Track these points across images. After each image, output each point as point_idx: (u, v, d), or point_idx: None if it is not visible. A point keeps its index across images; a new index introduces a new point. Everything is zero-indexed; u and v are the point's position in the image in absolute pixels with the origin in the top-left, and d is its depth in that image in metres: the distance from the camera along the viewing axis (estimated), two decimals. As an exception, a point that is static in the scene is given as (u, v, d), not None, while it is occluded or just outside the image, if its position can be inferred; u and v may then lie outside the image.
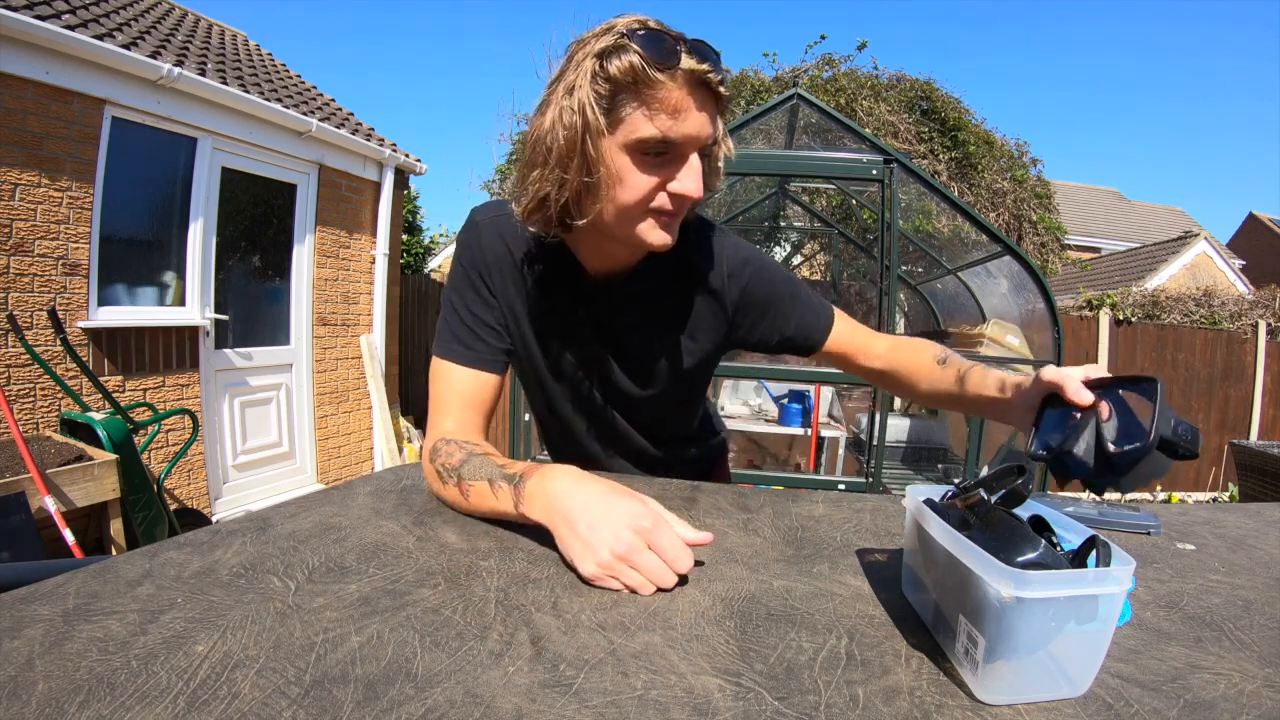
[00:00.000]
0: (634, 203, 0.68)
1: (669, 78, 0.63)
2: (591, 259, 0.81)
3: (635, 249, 0.77)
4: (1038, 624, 0.39)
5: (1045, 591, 0.38)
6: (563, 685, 0.39)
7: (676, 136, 0.65)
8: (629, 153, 0.66)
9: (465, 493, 0.68)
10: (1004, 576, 0.38)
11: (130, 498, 2.61)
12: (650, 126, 0.64)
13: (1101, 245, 14.32)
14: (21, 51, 2.86)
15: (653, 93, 0.63)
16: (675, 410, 0.97)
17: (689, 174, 0.67)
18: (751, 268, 0.84)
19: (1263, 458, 3.69)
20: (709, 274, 0.83)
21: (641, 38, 0.63)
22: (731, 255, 0.83)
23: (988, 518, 0.46)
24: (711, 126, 0.68)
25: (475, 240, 0.83)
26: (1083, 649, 0.40)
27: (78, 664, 0.39)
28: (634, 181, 0.67)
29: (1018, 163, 6.75)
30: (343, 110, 5.14)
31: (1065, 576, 0.39)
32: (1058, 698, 0.40)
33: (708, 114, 0.66)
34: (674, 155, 0.67)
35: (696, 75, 0.63)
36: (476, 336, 0.81)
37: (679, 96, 0.64)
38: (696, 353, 0.88)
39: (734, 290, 0.84)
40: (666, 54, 0.62)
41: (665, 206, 0.69)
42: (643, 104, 0.64)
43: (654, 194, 0.68)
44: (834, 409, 4.59)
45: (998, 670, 0.39)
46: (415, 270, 9.25)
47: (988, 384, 0.74)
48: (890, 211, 2.86)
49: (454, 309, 0.82)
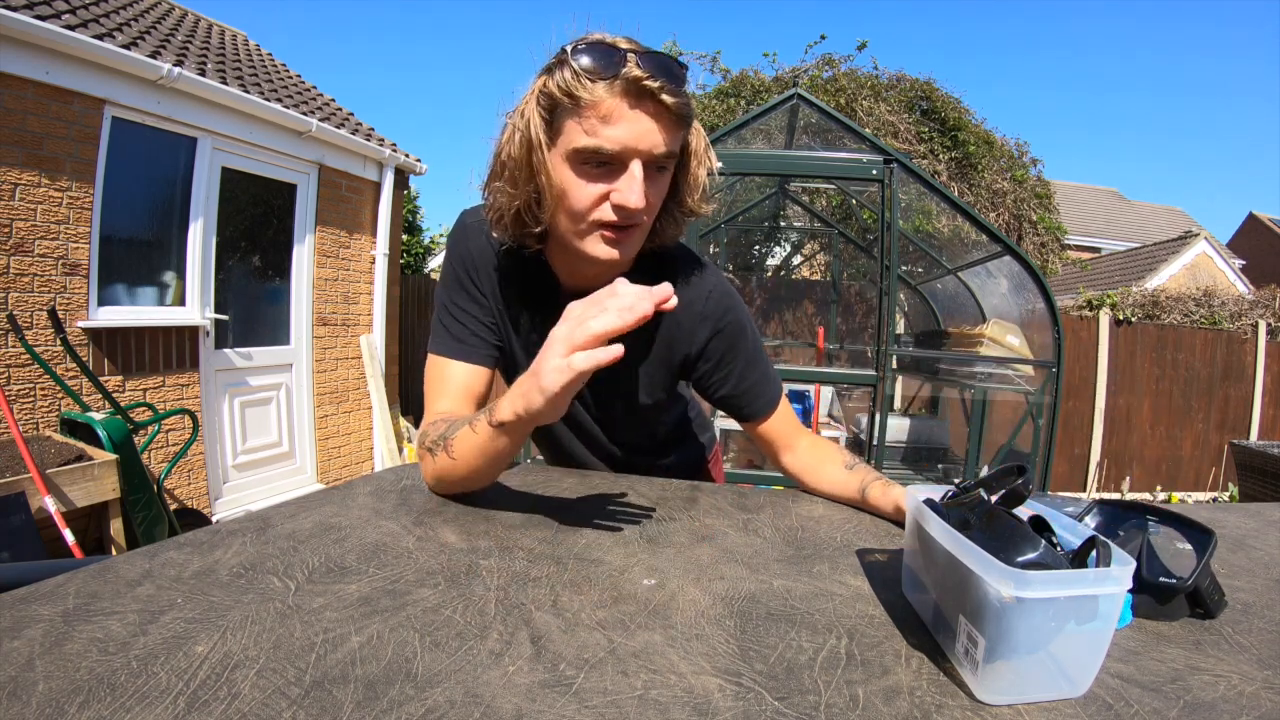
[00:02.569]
0: (577, 213, 0.69)
1: (605, 87, 0.63)
2: (565, 275, 0.82)
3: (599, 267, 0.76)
4: (1038, 624, 0.39)
5: (1045, 591, 0.38)
6: (563, 685, 0.39)
7: (612, 146, 0.64)
8: (570, 164, 0.67)
9: (450, 450, 0.69)
10: (1004, 576, 0.38)
11: (130, 498, 2.61)
12: (585, 136, 0.65)
13: (1101, 245, 14.32)
14: (21, 51, 2.86)
15: (588, 103, 0.63)
16: (637, 429, 0.98)
17: (628, 183, 0.66)
18: (728, 318, 0.83)
19: (1263, 458, 3.69)
20: (684, 310, 0.82)
21: (581, 52, 0.63)
22: (712, 298, 0.83)
23: (988, 518, 0.46)
24: (660, 138, 0.66)
25: (464, 241, 0.85)
26: (1083, 649, 0.40)
27: (78, 664, 0.39)
28: (576, 193, 0.68)
29: (1018, 163, 6.75)
30: (343, 110, 5.14)
31: (1065, 576, 0.39)
32: (1058, 698, 0.40)
33: (652, 125, 0.65)
34: (616, 166, 0.67)
35: (635, 84, 0.62)
36: (469, 331, 0.83)
37: (612, 105, 0.63)
38: (657, 383, 0.88)
39: (704, 333, 0.83)
40: (602, 66, 0.63)
41: (608, 218, 0.68)
42: (579, 115, 0.64)
43: (596, 205, 0.68)
44: (834, 409, 4.59)
45: (998, 670, 0.39)
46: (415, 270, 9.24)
47: (885, 500, 0.75)
48: (890, 211, 2.86)
49: (445, 308, 0.84)
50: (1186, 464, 5.95)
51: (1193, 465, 5.95)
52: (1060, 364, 3.05)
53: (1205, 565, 0.52)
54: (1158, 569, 0.54)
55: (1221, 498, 5.74)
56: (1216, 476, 5.89)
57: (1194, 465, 5.95)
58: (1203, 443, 5.94)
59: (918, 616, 0.51)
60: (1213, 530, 0.55)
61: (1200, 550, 0.54)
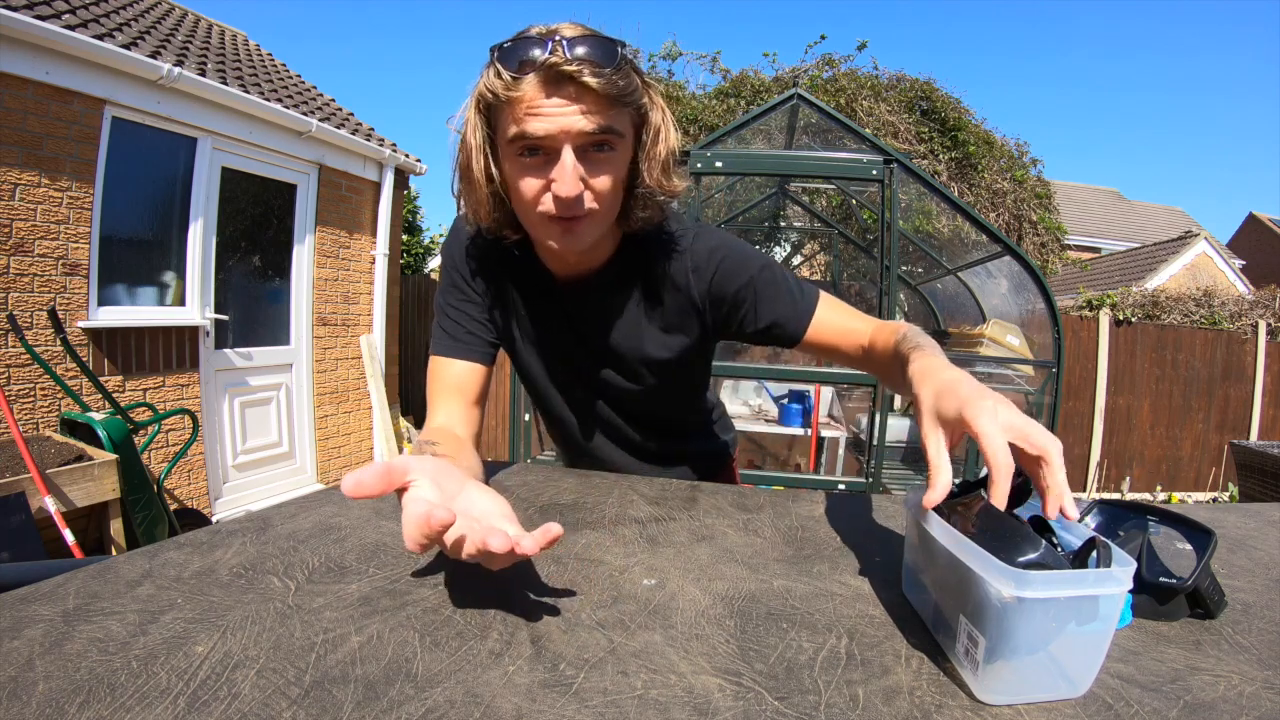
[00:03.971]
0: (525, 205, 0.70)
1: (527, 81, 0.63)
2: (551, 263, 0.83)
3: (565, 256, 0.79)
4: (1038, 624, 0.39)
5: (1046, 592, 0.38)
6: (563, 685, 0.39)
7: (536, 132, 0.64)
8: (509, 159, 0.68)
9: None
10: (1005, 576, 0.38)
11: (130, 498, 2.61)
12: (514, 126, 0.65)
13: (1101, 245, 14.32)
14: (21, 51, 2.86)
15: (513, 99, 0.64)
16: (666, 404, 0.98)
17: (560, 172, 0.66)
18: (718, 259, 0.82)
19: (1263, 458, 3.69)
20: (673, 273, 0.82)
21: (505, 50, 0.64)
22: (697, 249, 0.82)
23: (988, 518, 0.46)
24: (585, 121, 0.64)
25: (457, 242, 0.87)
26: (1083, 649, 0.40)
27: (78, 664, 0.39)
28: (520, 186, 0.69)
29: (1018, 163, 6.75)
30: (343, 110, 5.15)
31: (1066, 577, 0.39)
32: (1058, 698, 0.40)
33: (575, 107, 0.64)
34: (550, 155, 0.66)
35: (552, 70, 0.62)
36: (464, 330, 0.86)
37: (533, 95, 0.63)
38: (674, 347, 0.87)
39: (700, 284, 0.83)
40: (520, 60, 0.63)
41: (549, 209, 0.69)
42: (507, 109, 0.65)
43: (539, 196, 0.69)
44: (834, 409, 4.59)
45: (998, 670, 0.39)
46: (415, 270, 9.24)
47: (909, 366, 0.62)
48: (890, 211, 2.86)
49: (443, 310, 0.87)
50: (1186, 464, 5.95)
51: (1193, 465, 5.95)
52: (1060, 364, 3.05)
53: (1205, 565, 0.52)
54: (1158, 569, 0.54)
55: (1221, 498, 5.74)
56: (1216, 476, 5.89)
57: (1194, 465, 5.95)
58: (1203, 443, 5.94)
59: (918, 616, 0.51)
60: (1213, 530, 0.55)
61: (1200, 550, 0.54)
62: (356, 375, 4.91)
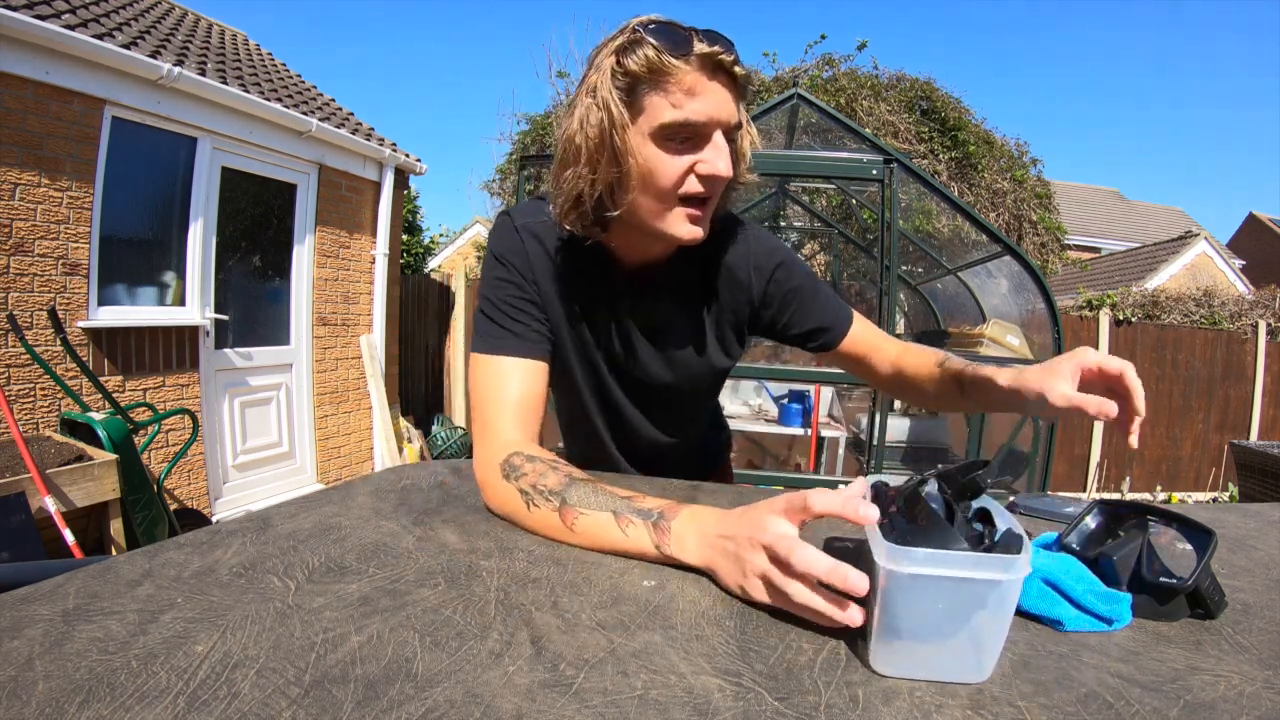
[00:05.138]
0: (666, 188, 0.70)
1: (684, 63, 0.65)
2: (627, 254, 0.83)
3: (668, 243, 0.78)
4: (921, 602, 0.41)
5: (923, 569, 0.40)
6: (563, 685, 0.39)
7: (698, 118, 0.67)
8: (655, 140, 0.69)
9: (571, 521, 0.62)
10: (890, 554, 0.41)
11: (130, 498, 2.61)
12: (671, 111, 0.67)
13: (1101, 245, 14.32)
14: (21, 51, 2.86)
15: (670, 79, 0.66)
16: (697, 398, 0.99)
17: (715, 153, 0.69)
18: (778, 260, 0.86)
19: (1263, 458, 3.69)
20: (736, 267, 0.85)
21: (654, 30, 0.66)
22: (759, 249, 0.86)
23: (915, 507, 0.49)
24: (733, 108, 0.69)
25: (512, 238, 0.83)
26: (979, 633, 0.42)
27: (78, 664, 0.39)
28: (663, 168, 0.69)
29: (1018, 163, 6.75)
30: (343, 110, 5.14)
31: (946, 557, 0.41)
32: (954, 680, 0.42)
33: (727, 96, 0.68)
34: (698, 138, 0.69)
35: (710, 58, 0.66)
36: (524, 325, 0.80)
37: (694, 79, 0.66)
38: (725, 342, 0.91)
39: (760, 283, 0.86)
40: (679, 42, 0.65)
41: (695, 190, 0.70)
42: (662, 91, 0.67)
43: (684, 178, 0.70)
44: (834, 409, 4.59)
45: (890, 644, 0.42)
46: (415, 270, 9.25)
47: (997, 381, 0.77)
48: (890, 211, 2.86)
49: (495, 305, 0.81)
50: (1186, 464, 5.95)
51: (1193, 465, 5.95)
52: (1060, 364, 3.04)
53: (1205, 565, 0.52)
54: (1158, 569, 0.54)
55: (1221, 498, 5.74)
56: (1216, 476, 5.89)
57: (1194, 465, 5.95)
58: (1203, 443, 5.94)
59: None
60: (1213, 530, 0.55)
61: (1200, 550, 0.54)
62: (356, 375, 4.91)
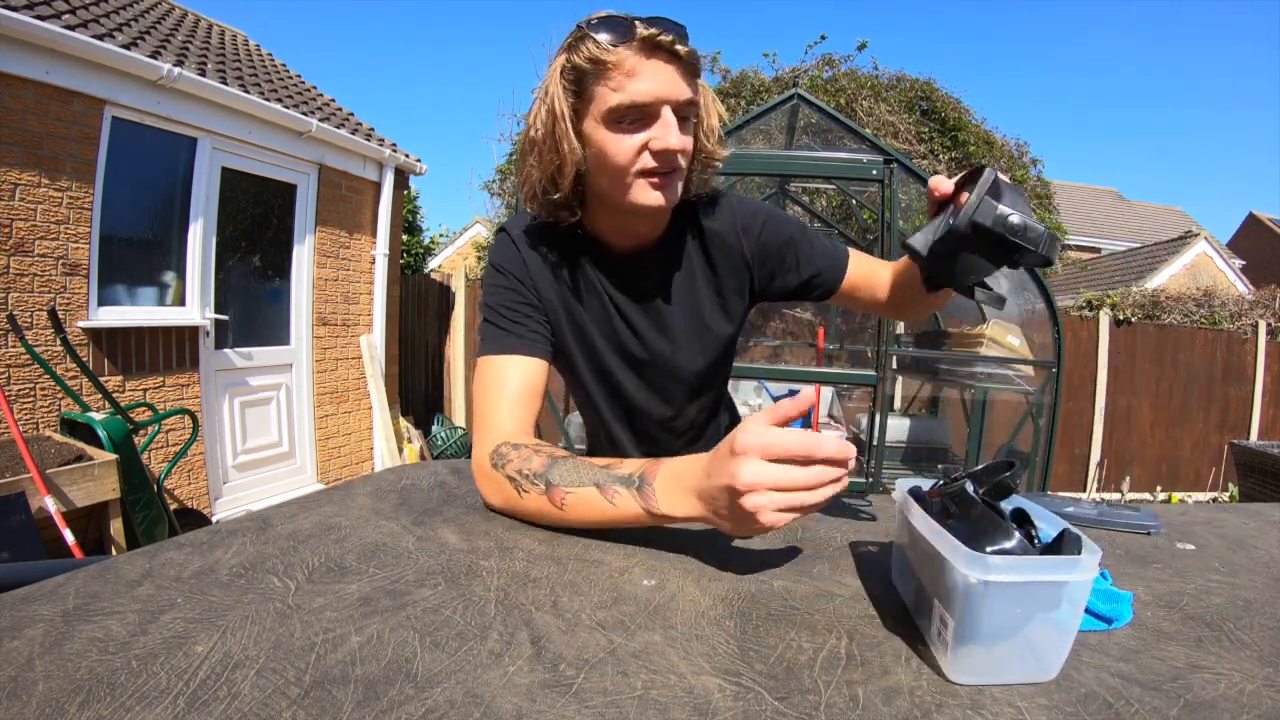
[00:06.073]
0: (622, 167, 0.73)
1: (624, 49, 0.69)
2: (614, 238, 0.85)
3: (647, 218, 0.82)
4: (1003, 608, 0.41)
5: (1008, 576, 0.40)
6: (563, 685, 0.39)
7: (642, 98, 0.70)
8: (606, 125, 0.72)
9: (560, 500, 0.63)
10: (970, 562, 0.40)
11: (130, 498, 2.61)
12: (615, 95, 0.70)
13: (1101, 245, 14.30)
14: (21, 51, 2.86)
15: (612, 66, 0.69)
16: (709, 374, 0.98)
17: (663, 128, 0.71)
18: (762, 218, 0.89)
19: (1263, 458, 3.69)
20: (724, 233, 0.88)
21: (596, 25, 0.70)
22: (742, 211, 0.89)
23: (968, 508, 0.48)
24: (681, 85, 0.71)
25: (512, 251, 0.87)
26: (1050, 634, 0.42)
27: (78, 664, 0.39)
28: (616, 149, 0.72)
29: (1018, 163, 6.75)
30: (343, 110, 5.14)
31: (1028, 563, 0.41)
32: (1026, 681, 0.42)
33: (672, 73, 0.71)
34: (647, 117, 0.71)
35: (649, 40, 0.69)
36: (524, 326, 0.84)
37: (634, 62, 0.69)
38: (728, 309, 0.93)
39: (750, 243, 0.89)
40: (618, 31, 0.69)
41: (650, 165, 0.73)
42: (605, 79, 0.70)
43: (637, 156, 0.73)
44: (834, 409, 4.59)
45: (968, 651, 0.41)
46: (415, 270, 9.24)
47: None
48: (890, 211, 2.86)
49: (495, 310, 0.84)
50: (1186, 464, 5.94)
51: (1193, 465, 5.95)
52: (1060, 364, 3.05)
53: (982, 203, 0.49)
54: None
55: (1221, 498, 5.74)
56: (1216, 476, 5.89)
57: (1194, 465, 5.95)
58: (1203, 443, 5.94)
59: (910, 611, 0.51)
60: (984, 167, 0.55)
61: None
62: (356, 375, 4.91)
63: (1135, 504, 0.85)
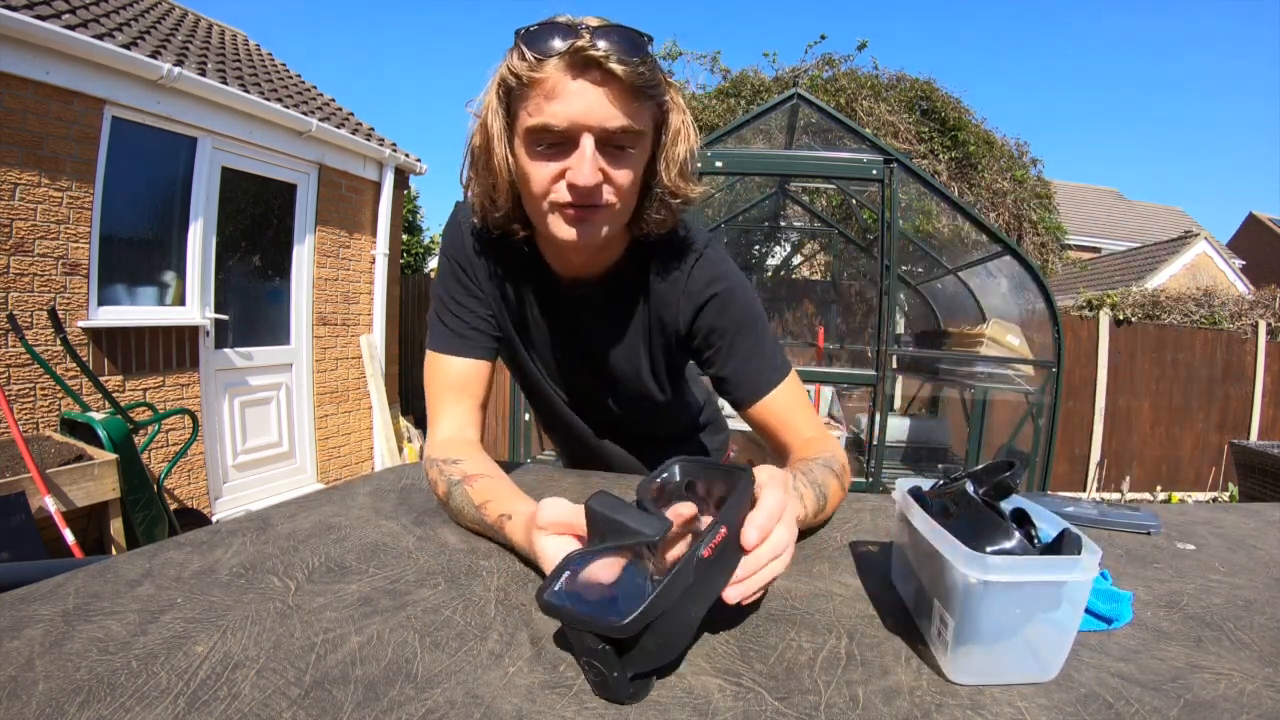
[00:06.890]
0: (536, 195, 0.67)
1: (551, 64, 0.60)
2: (555, 263, 0.81)
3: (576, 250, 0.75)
4: (1002, 608, 0.41)
5: (1008, 576, 0.40)
6: (563, 685, 0.39)
7: (557, 122, 0.62)
8: (525, 148, 0.66)
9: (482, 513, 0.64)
10: (970, 562, 0.40)
11: (130, 498, 2.61)
12: (531, 117, 0.63)
13: (1101, 245, 14.30)
14: (21, 51, 2.86)
15: (534, 82, 0.61)
16: (652, 415, 0.96)
17: (577, 160, 0.63)
18: (711, 292, 0.79)
19: (1263, 458, 3.69)
20: (669, 289, 0.80)
21: (530, 33, 0.61)
22: (699, 275, 0.79)
23: (968, 508, 0.48)
24: (612, 111, 0.62)
25: (458, 235, 0.83)
26: (1050, 634, 0.42)
27: (78, 664, 0.39)
28: (533, 175, 0.66)
29: (1018, 163, 6.74)
30: (343, 110, 5.14)
31: (1028, 563, 0.41)
32: (1026, 681, 0.41)
33: (598, 95, 0.61)
34: (567, 143, 0.64)
35: (574, 55, 0.59)
36: (467, 325, 0.82)
37: (555, 81, 0.61)
38: (655, 369, 0.87)
39: (688, 311, 0.80)
40: (546, 42, 0.60)
41: (563, 199, 0.66)
42: (525, 97, 0.63)
43: (551, 186, 0.66)
44: (834, 409, 4.58)
45: (967, 651, 0.41)
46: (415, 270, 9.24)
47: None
48: (890, 211, 2.86)
49: (442, 302, 0.83)
50: (1186, 464, 5.94)
51: (1193, 465, 5.95)
52: (1060, 364, 3.05)
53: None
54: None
55: (1221, 498, 5.74)
56: (1216, 476, 5.88)
57: (1194, 465, 5.94)
58: (1203, 443, 5.94)
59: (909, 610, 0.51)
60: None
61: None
62: (356, 375, 4.91)
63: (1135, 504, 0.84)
